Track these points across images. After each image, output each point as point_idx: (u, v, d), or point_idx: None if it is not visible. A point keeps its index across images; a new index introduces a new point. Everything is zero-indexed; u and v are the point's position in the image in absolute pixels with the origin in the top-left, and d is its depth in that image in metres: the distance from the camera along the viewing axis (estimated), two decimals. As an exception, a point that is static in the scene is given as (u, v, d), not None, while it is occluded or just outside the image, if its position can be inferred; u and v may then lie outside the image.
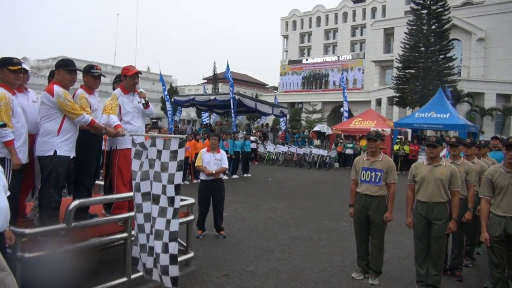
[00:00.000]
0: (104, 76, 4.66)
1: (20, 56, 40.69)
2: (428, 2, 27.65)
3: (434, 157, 4.54)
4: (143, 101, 4.85)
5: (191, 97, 24.04)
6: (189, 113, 42.23)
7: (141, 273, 4.36)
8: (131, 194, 4.58)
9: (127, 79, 4.80)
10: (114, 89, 5.08)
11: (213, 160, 6.64)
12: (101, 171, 5.13)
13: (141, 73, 4.93)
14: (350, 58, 47.74)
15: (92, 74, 4.39)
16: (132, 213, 4.35)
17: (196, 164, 7.09)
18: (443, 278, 4.67)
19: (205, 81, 59.48)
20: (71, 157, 4.06)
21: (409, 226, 4.65)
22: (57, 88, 3.90)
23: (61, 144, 3.93)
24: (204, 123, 27.71)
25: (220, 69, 53.51)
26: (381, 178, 4.73)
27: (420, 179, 4.54)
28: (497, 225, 4.02)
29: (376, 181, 4.74)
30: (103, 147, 4.99)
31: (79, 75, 4.22)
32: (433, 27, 27.91)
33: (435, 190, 4.41)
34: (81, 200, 3.89)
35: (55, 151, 3.89)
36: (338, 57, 49.33)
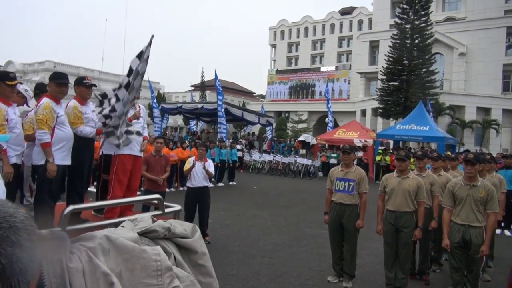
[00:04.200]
0: (95, 86, 4.81)
1: (5, 59, 40.52)
2: (412, 17, 28.59)
3: (403, 170, 4.95)
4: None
5: (179, 105, 24.27)
6: (176, 120, 42.38)
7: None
8: (123, 200, 4.88)
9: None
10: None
11: (201, 169, 6.95)
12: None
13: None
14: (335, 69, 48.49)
15: (85, 84, 4.59)
16: (124, 218, 4.65)
17: (184, 169, 7.33)
18: (412, 282, 5.08)
19: (193, 88, 59.74)
20: (65, 165, 4.25)
21: (379, 233, 5.05)
22: (42, 100, 4.11)
23: (54, 153, 4.11)
24: (192, 130, 27.94)
25: (208, 76, 53.74)
26: (354, 188, 5.12)
27: (389, 190, 4.94)
28: (457, 232, 4.45)
29: (349, 190, 5.13)
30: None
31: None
32: (416, 41, 28.80)
33: (403, 201, 4.83)
34: (76, 206, 4.15)
35: (47, 161, 4.07)
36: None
